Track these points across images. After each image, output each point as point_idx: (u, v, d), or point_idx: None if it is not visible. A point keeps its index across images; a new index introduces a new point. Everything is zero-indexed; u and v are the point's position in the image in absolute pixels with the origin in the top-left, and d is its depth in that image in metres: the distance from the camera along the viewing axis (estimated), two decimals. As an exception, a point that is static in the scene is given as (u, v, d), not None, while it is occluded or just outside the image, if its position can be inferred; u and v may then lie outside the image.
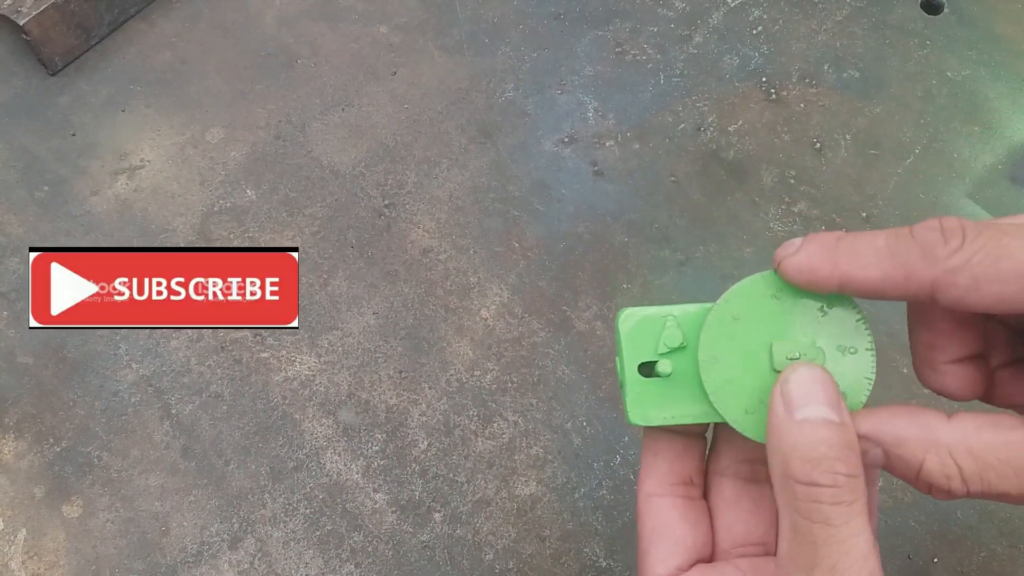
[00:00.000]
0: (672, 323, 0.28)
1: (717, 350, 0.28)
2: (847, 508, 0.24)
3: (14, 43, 0.81)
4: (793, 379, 0.26)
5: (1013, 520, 0.61)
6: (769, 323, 0.28)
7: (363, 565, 0.59)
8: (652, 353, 0.28)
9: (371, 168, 0.75)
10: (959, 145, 0.77)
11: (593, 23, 0.85)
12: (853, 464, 0.25)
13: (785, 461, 0.25)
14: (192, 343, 0.67)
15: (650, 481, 0.30)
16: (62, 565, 0.59)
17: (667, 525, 0.29)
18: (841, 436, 0.25)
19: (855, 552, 0.24)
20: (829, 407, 0.25)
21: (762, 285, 0.28)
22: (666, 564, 0.29)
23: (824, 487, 0.24)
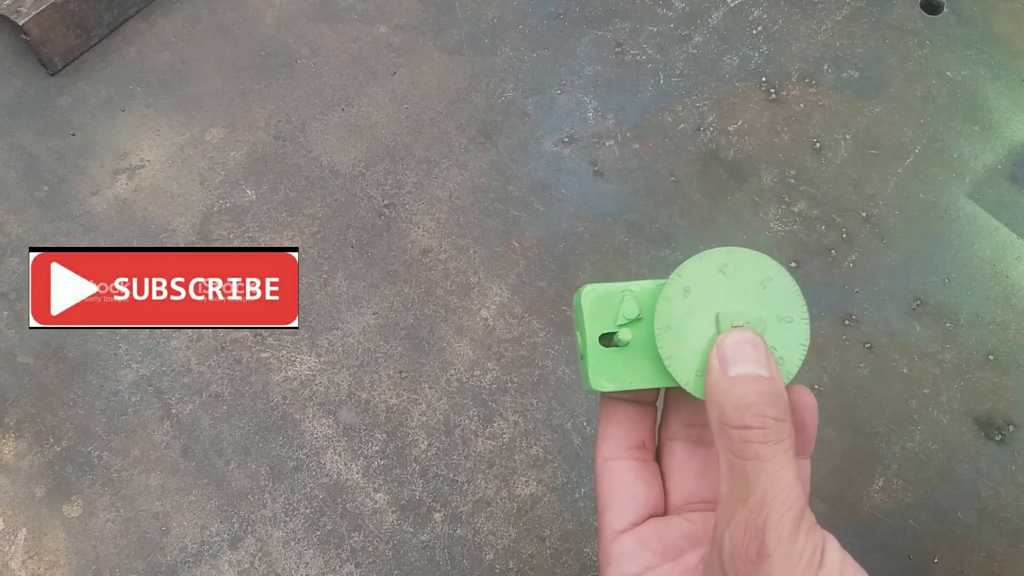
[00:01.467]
0: (630, 297, 0.31)
1: (671, 319, 0.30)
2: (774, 446, 0.27)
3: (14, 43, 0.81)
4: (728, 341, 0.29)
5: (1013, 520, 0.61)
6: (717, 295, 0.30)
7: (363, 565, 0.59)
8: (611, 324, 0.31)
9: (371, 168, 0.75)
10: (959, 145, 0.77)
11: (593, 23, 0.85)
12: (780, 409, 0.28)
13: (720, 410, 0.28)
14: (192, 343, 0.67)
15: (607, 446, 0.32)
16: (62, 565, 0.59)
17: (622, 485, 0.32)
18: (770, 387, 0.28)
19: (782, 481, 0.27)
20: (758, 364, 0.29)
21: (710, 260, 0.31)
22: (622, 519, 0.31)
23: (754, 428, 0.28)
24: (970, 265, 0.71)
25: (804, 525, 0.27)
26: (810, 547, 0.26)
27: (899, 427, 0.64)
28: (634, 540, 0.31)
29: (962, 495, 0.62)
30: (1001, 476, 0.63)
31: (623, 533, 0.31)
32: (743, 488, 0.27)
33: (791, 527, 0.26)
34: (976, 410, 0.65)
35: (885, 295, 0.70)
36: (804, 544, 0.26)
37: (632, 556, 0.31)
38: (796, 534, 0.26)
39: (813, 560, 0.26)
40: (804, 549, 0.26)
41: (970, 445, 0.64)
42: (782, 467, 0.27)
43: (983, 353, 0.67)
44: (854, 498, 0.62)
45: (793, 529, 0.26)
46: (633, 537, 0.31)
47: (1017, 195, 0.75)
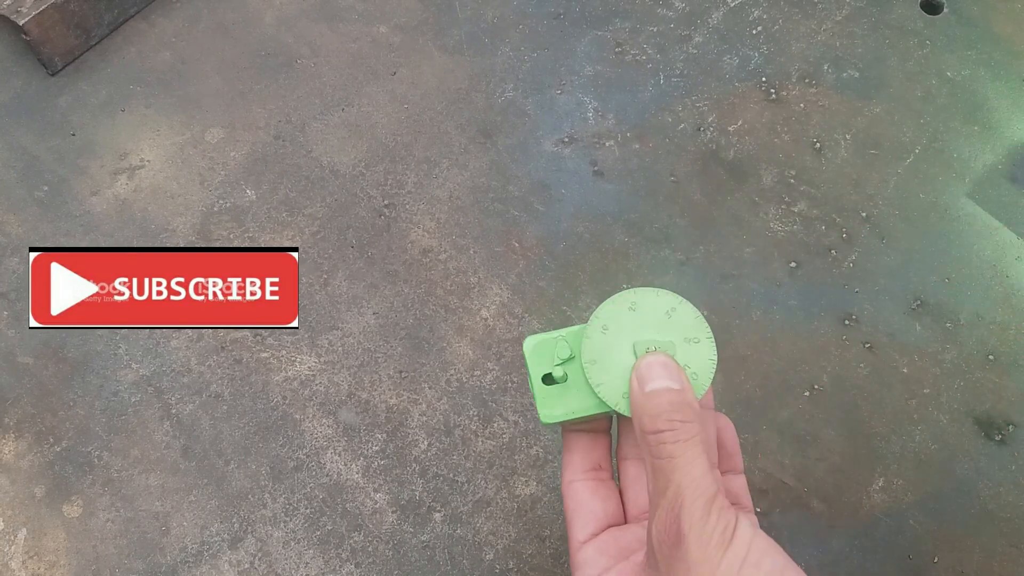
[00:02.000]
0: (561, 341, 0.36)
1: (595, 354, 0.35)
2: (684, 444, 0.31)
3: (14, 43, 0.81)
4: (643, 363, 0.34)
5: (1013, 520, 0.61)
6: (630, 328, 0.36)
7: (363, 565, 0.59)
8: (550, 365, 0.37)
9: (371, 168, 0.75)
10: (959, 145, 0.77)
11: (593, 23, 0.85)
12: (687, 414, 0.32)
13: (640, 421, 0.33)
14: (192, 343, 0.67)
15: (569, 470, 0.38)
16: (62, 565, 0.59)
17: (582, 502, 0.37)
18: (678, 396, 0.33)
19: (693, 473, 0.31)
20: (669, 379, 0.33)
21: (620, 300, 0.36)
22: (584, 531, 0.36)
23: (666, 431, 0.32)
24: (970, 265, 0.71)
25: (715, 507, 0.30)
26: (720, 526, 0.29)
27: (899, 427, 0.64)
28: (594, 548, 0.36)
29: (962, 495, 0.62)
30: (1001, 476, 0.63)
31: (585, 543, 0.36)
32: (663, 483, 0.31)
33: (702, 510, 0.30)
34: (976, 410, 0.65)
35: (885, 295, 0.70)
36: (715, 523, 0.29)
37: (592, 561, 0.35)
38: (707, 516, 0.30)
39: (724, 537, 0.29)
40: (715, 528, 0.29)
41: (970, 445, 0.64)
42: (692, 461, 0.31)
43: (983, 353, 0.67)
44: (854, 498, 0.62)
45: (704, 512, 0.30)
46: (593, 546, 0.36)
47: (1017, 195, 0.75)
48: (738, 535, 0.29)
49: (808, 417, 0.65)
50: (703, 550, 0.29)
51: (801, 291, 0.70)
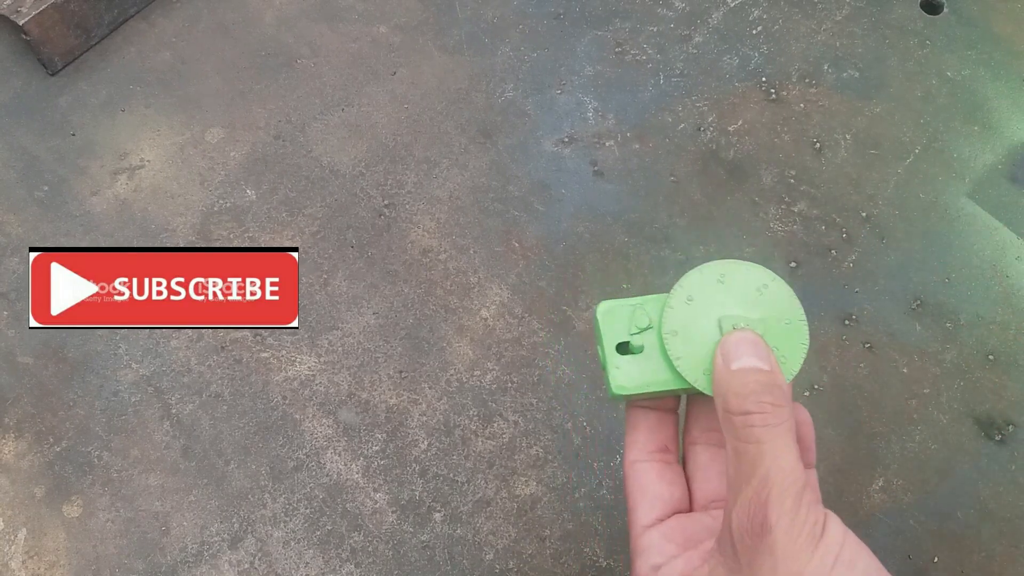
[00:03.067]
0: (640, 309, 0.34)
1: (677, 325, 0.33)
2: (774, 430, 0.29)
3: (14, 43, 0.81)
4: (730, 340, 0.32)
5: (1013, 520, 0.61)
6: (717, 301, 0.34)
7: (363, 565, 0.59)
8: (626, 334, 0.34)
9: (371, 168, 0.75)
10: (959, 145, 0.77)
11: (593, 23, 0.85)
12: (779, 397, 0.30)
13: (724, 400, 0.31)
14: (192, 343, 0.67)
15: (633, 450, 0.35)
16: (62, 565, 0.59)
17: (648, 484, 0.35)
18: (768, 378, 0.31)
19: (782, 461, 0.29)
20: (758, 359, 0.31)
21: (709, 271, 0.34)
22: (648, 516, 0.34)
23: (755, 413, 0.30)
24: (970, 265, 0.71)
25: (806, 500, 0.28)
26: (811, 520, 0.28)
27: (899, 427, 0.64)
28: (659, 534, 0.34)
29: (962, 495, 0.62)
30: (1001, 476, 0.63)
31: (649, 528, 0.34)
32: (748, 469, 0.29)
33: (792, 502, 0.28)
34: (976, 410, 0.65)
35: (885, 295, 0.70)
36: (805, 517, 0.28)
37: (658, 548, 0.33)
38: (798, 508, 0.28)
39: (814, 532, 0.28)
40: (805, 522, 0.28)
41: (970, 445, 0.64)
42: (783, 449, 0.29)
43: (983, 353, 0.67)
44: (854, 498, 0.62)
45: (795, 504, 0.28)
46: (658, 531, 0.34)
47: (1017, 195, 0.75)
48: (829, 532, 0.28)
49: (808, 417, 0.65)
50: (791, 544, 0.27)
51: (801, 291, 0.70)
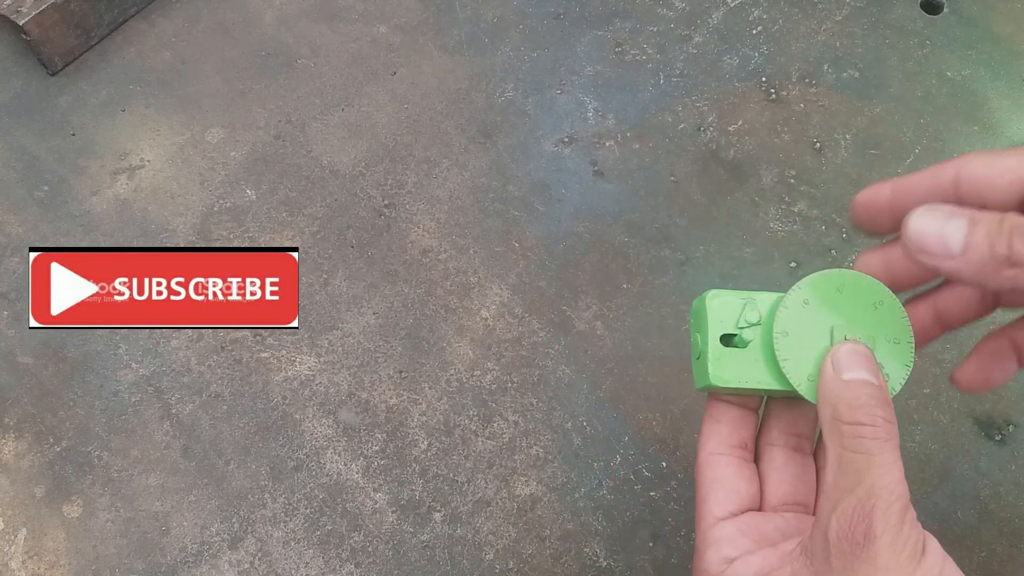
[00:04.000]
0: (752, 303, 0.34)
1: (789, 326, 0.33)
2: (884, 443, 0.30)
3: (14, 43, 0.81)
4: (843, 350, 0.32)
5: (1013, 520, 0.61)
6: (833, 310, 0.33)
7: (363, 565, 0.59)
8: (732, 327, 0.34)
9: (371, 168, 0.75)
10: (959, 145, 0.77)
11: (593, 23, 0.85)
12: (890, 413, 0.30)
13: (834, 408, 0.30)
14: (192, 343, 0.67)
15: (712, 442, 0.35)
16: (62, 565, 0.59)
17: (725, 477, 0.34)
18: (880, 392, 0.31)
19: (889, 476, 0.29)
20: (869, 373, 0.31)
21: (829, 279, 0.34)
22: (723, 508, 0.34)
23: (866, 426, 0.30)
24: (970, 265, 0.71)
25: (909, 518, 0.28)
26: (913, 538, 0.28)
27: (899, 427, 0.64)
28: (734, 527, 0.33)
29: (962, 495, 0.62)
30: (1001, 476, 0.63)
31: (723, 520, 0.34)
32: (853, 478, 0.29)
33: (898, 517, 0.28)
34: (976, 410, 0.65)
35: (885, 295, 0.70)
36: (908, 534, 0.28)
37: (732, 541, 0.33)
38: (902, 524, 0.28)
39: (916, 550, 0.28)
40: (908, 539, 0.28)
41: (970, 445, 0.64)
42: (891, 463, 0.29)
43: (983, 353, 0.67)
44: (854, 498, 0.62)
45: (899, 519, 0.28)
46: (733, 524, 0.34)
47: (1017, 195, 0.75)
48: (930, 552, 0.28)
49: (808, 417, 0.65)
50: (895, 557, 0.28)
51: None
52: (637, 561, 0.59)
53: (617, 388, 0.65)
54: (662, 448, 0.63)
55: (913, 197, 0.33)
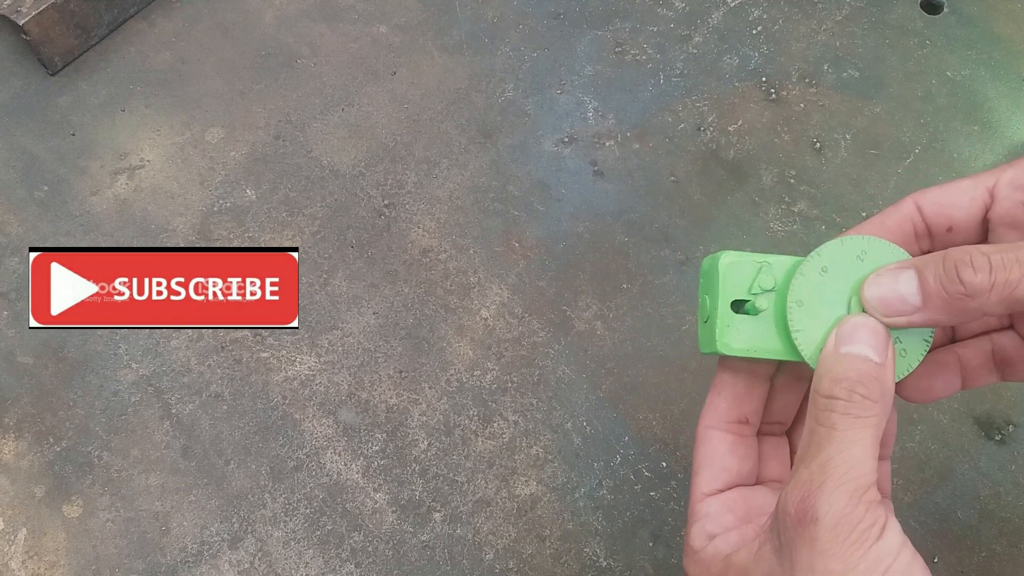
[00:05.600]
0: (767, 268, 0.32)
1: (804, 295, 0.31)
2: (853, 419, 0.28)
3: (14, 43, 0.81)
4: (849, 322, 0.30)
5: (1013, 520, 0.61)
6: (853, 278, 0.31)
7: (363, 565, 0.59)
8: (745, 292, 0.32)
9: (371, 168, 0.75)
10: (959, 145, 0.77)
11: (593, 23, 0.85)
12: (873, 391, 0.28)
13: (818, 381, 0.29)
14: (192, 343, 0.67)
15: (709, 416, 0.34)
16: (62, 565, 0.59)
17: (715, 454, 0.34)
18: (873, 370, 0.29)
19: (849, 452, 0.27)
20: (871, 348, 0.29)
21: (850, 245, 0.32)
22: (709, 485, 0.33)
23: (839, 400, 0.28)
24: (970, 265, 0.71)
25: (865, 499, 0.26)
26: (867, 522, 0.26)
27: (899, 427, 0.64)
28: (719, 503, 0.33)
29: (962, 495, 0.62)
30: (1001, 476, 0.63)
31: (710, 496, 0.33)
32: (813, 451, 0.28)
33: (849, 497, 0.26)
34: (976, 410, 0.65)
35: (885, 295, 0.70)
36: (860, 517, 0.26)
37: (716, 517, 0.33)
38: (854, 505, 0.26)
39: (867, 536, 0.26)
40: (859, 522, 0.26)
41: (970, 445, 0.64)
42: (855, 441, 0.27)
43: (983, 353, 0.67)
44: (854, 498, 0.62)
45: (850, 499, 0.26)
46: (719, 500, 0.33)
47: (1017, 195, 0.75)
48: (886, 538, 0.26)
49: (808, 417, 0.65)
50: (837, 542, 0.26)
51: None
52: (637, 561, 0.59)
53: (617, 388, 0.65)
54: (662, 448, 0.63)
55: (879, 236, 0.33)
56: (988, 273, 0.27)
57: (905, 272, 0.29)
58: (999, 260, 0.26)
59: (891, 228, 0.33)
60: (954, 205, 0.32)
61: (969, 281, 0.27)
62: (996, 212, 0.31)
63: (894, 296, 0.29)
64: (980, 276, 0.27)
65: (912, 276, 0.29)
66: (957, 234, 0.32)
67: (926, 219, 0.32)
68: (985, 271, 0.27)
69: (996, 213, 0.31)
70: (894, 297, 0.29)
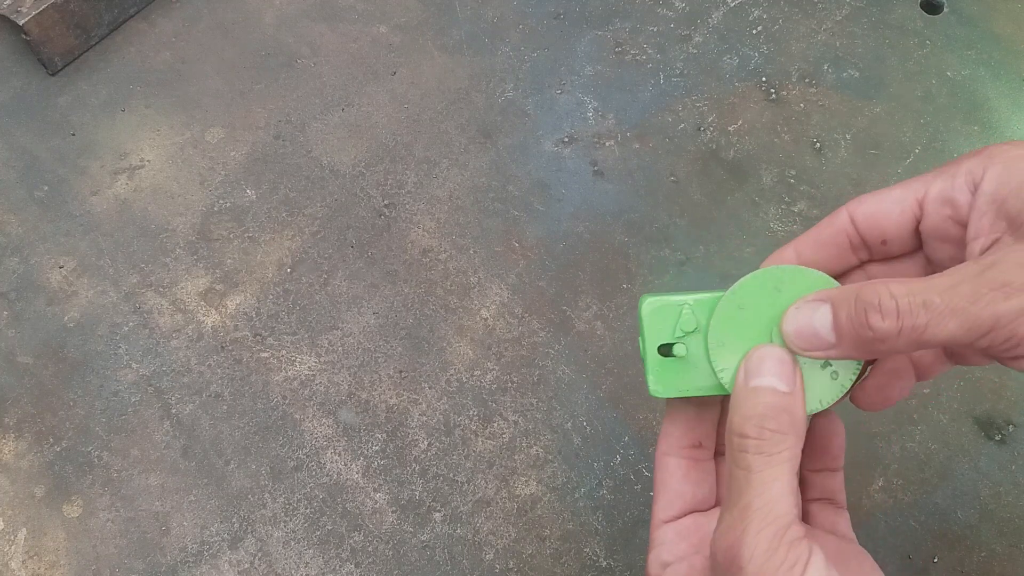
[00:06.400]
0: (688, 310, 0.33)
1: (724, 336, 0.32)
2: (767, 458, 0.28)
3: (14, 43, 0.81)
4: (755, 355, 0.30)
5: (1013, 520, 0.61)
6: (772, 312, 0.31)
7: (363, 565, 0.59)
8: (670, 336, 0.33)
9: (371, 168, 0.75)
10: (959, 145, 0.77)
11: (593, 23, 0.85)
12: (784, 423, 0.28)
13: (731, 418, 0.30)
14: (192, 343, 0.67)
15: (665, 442, 0.35)
16: (62, 565, 0.59)
17: (671, 481, 0.34)
18: (782, 401, 0.29)
19: (767, 495, 0.27)
20: (778, 378, 0.29)
21: (766, 278, 0.32)
22: (666, 512, 0.34)
23: (750, 439, 0.28)
24: (970, 265, 0.71)
25: (786, 539, 0.26)
26: (788, 562, 0.26)
27: (899, 427, 0.64)
28: (674, 531, 0.33)
29: (962, 495, 0.62)
30: (1001, 476, 0.63)
31: (666, 523, 0.34)
32: (734, 495, 0.28)
33: (769, 541, 0.26)
34: (976, 410, 0.65)
35: (885, 295, 0.70)
36: (782, 559, 0.26)
37: (670, 546, 0.33)
38: (775, 549, 0.26)
39: (791, 574, 0.26)
40: (781, 565, 0.26)
41: (970, 445, 0.64)
42: (771, 481, 0.27)
43: (983, 353, 0.67)
44: (854, 498, 0.62)
45: (772, 543, 0.26)
46: (674, 528, 0.33)
47: (1017, 195, 0.75)
48: (809, 574, 0.26)
49: (808, 417, 0.65)
50: None
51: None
52: (637, 561, 0.59)
53: (617, 388, 0.65)
54: (662, 448, 0.63)
55: (815, 251, 0.33)
56: (895, 319, 0.26)
57: (822, 307, 0.29)
58: (906, 304, 0.26)
59: (826, 243, 0.33)
60: (886, 218, 0.32)
61: (877, 327, 0.27)
62: (926, 226, 0.31)
63: (810, 332, 0.29)
64: (887, 322, 0.26)
65: (827, 312, 0.29)
66: (892, 246, 0.32)
67: (860, 232, 0.32)
68: (892, 317, 0.26)
69: (926, 227, 0.31)
70: (810, 333, 0.29)
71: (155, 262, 0.70)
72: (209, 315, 0.68)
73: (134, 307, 0.68)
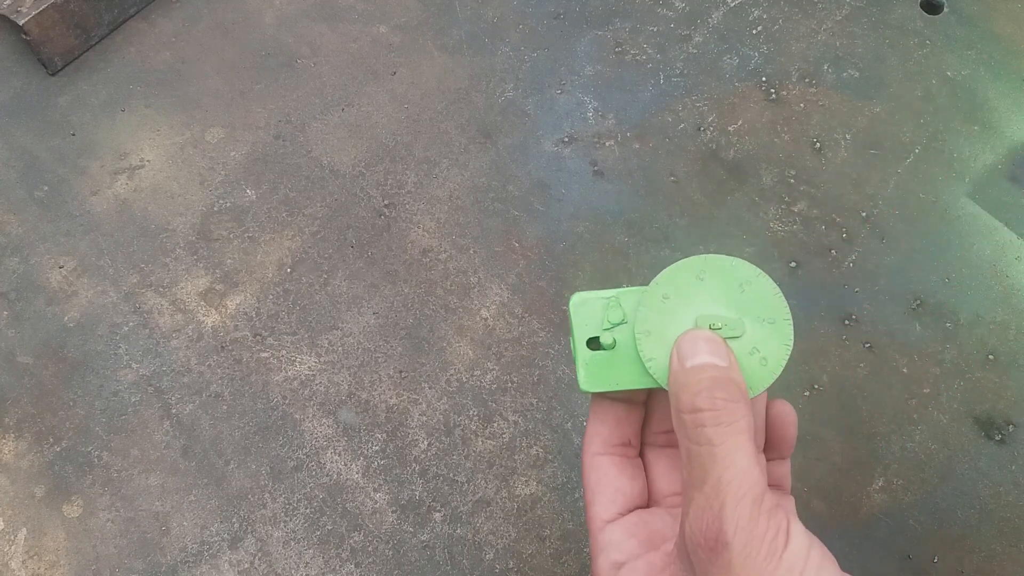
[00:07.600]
0: (614, 303, 0.33)
1: (650, 325, 0.32)
2: (726, 428, 0.27)
3: (14, 43, 0.81)
4: (686, 339, 0.31)
5: (1013, 520, 0.61)
6: (695, 300, 0.32)
7: (363, 565, 0.59)
8: (597, 329, 0.33)
9: (371, 168, 0.75)
10: (959, 144, 0.77)
11: (593, 23, 0.85)
12: (733, 392, 0.28)
13: (677, 398, 0.29)
14: (192, 343, 0.67)
15: (595, 442, 0.34)
16: (62, 565, 0.59)
17: (609, 479, 0.34)
18: (723, 373, 0.29)
19: (737, 466, 0.27)
20: (713, 356, 0.30)
21: (687, 268, 0.32)
22: (609, 510, 0.33)
23: (705, 411, 0.28)
24: (970, 265, 0.71)
25: (764, 508, 0.26)
26: (772, 531, 0.26)
27: (899, 427, 0.64)
28: (621, 529, 0.33)
29: (962, 495, 0.62)
30: (1001, 476, 0.63)
31: (610, 523, 0.33)
32: (700, 475, 0.27)
33: (749, 511, 0.26)
34: (976, 410, 0.65)
35: (885, 295, 0.70)
36: (765, 528, 0.26)
37: (620, 545, 0.32)
38: (756, 519, 0.26)
39: (776, 543, 0.26)
40: (765, 533, 0.26)
41: (970, 445, 0.64)
42: (736, 451, 0.27)
43: (983, 353, 0.67)
44: (854, 498, 0.62)
45: (752, 513, 0.26)
46: (620, 527, 0.33)
47: (1017, 195, 0.75)
48: (792, 544, 0.26)
49: (808, 417, 0.65)
50: (750, 560, 0.25)
51: (801, 291, 0.70)
52: (637, 561, 0.59)
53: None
54: (662, 448, 0.63)
55: None
56: None
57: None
58: None
59: None
60: None
61: None
62: None
63: None
64: None
65: None
66: None
67: None
68: None
69: None
70: None
71: (155, 262, 0.70)
72: (209, 315, 0.68)
73: (134, 307, 0.68)
